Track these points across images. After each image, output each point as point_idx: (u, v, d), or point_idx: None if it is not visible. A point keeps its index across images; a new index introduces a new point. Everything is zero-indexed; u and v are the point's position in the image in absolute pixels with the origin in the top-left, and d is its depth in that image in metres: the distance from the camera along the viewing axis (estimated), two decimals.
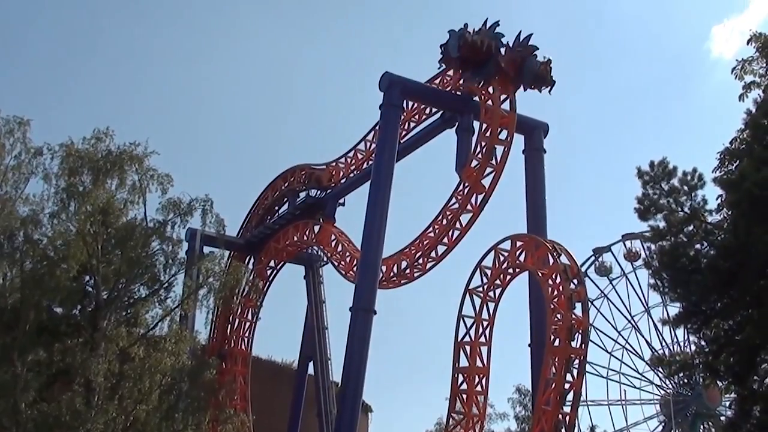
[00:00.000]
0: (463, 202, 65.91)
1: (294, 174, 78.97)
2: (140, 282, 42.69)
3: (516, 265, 59.29)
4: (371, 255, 61.55)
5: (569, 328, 53.07)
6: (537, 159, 66.28)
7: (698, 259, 27.51)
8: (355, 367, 58.82)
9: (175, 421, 39.10)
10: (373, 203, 62.44)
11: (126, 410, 38.91)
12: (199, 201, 41.81)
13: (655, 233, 28.31)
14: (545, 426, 52.91)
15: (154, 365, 39.42)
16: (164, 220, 41.73)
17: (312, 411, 76.08)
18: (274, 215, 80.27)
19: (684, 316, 28.36)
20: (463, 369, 61.41)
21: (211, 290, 42.59)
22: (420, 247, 68.99)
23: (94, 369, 38.02)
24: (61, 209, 40.68)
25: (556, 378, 53.08)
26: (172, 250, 42.26)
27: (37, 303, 39.23)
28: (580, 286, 55.29)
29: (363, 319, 59.54)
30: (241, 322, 77.92)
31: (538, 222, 62.87)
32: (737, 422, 29.09)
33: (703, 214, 27.78)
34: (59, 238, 40.85)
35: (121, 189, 41.74)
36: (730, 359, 27.29)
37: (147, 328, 42.68)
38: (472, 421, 61.68)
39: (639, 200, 28.26)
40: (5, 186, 41.10)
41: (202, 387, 40.88)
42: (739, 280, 25.94)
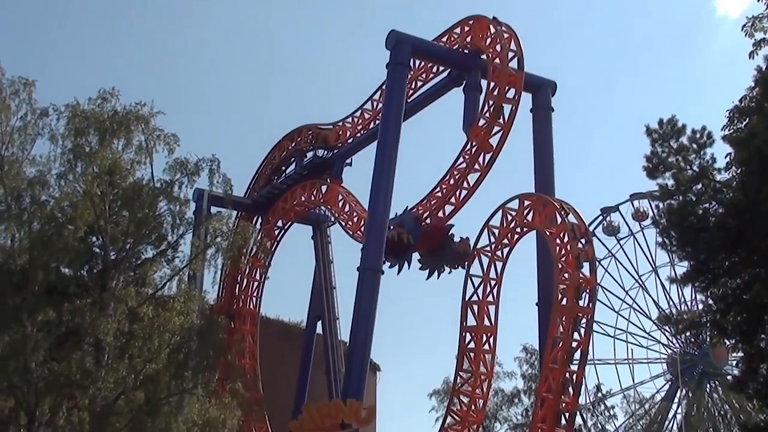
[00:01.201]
0: (471, 162, 65.88)
1: (301, 134, 78.93)
2: (148, 242, 42.61)
3: (524, 224, 59.36)
4: (378, 215, 61.64)
5: (577, 287, 53.20)
6: (545, 118, 66.22)
7: (706, 218, 27.45)
8: (363, 327, 59.07)
9: (185, 380, 39.14)
10: (380, 163, 62.46)
11: (136, 369, 38.98)
12: (206, 161, 41.66)
13: (663, 192, 28.23)
14: (552, 384, 53.15)
15: (163, 324, 39.44)
16: (171, 180, 41.58)
17: (320, 370, 76.39)
18: (281, 175, 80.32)
19: (692, 275, 28.34)
20: (470, 328, 61.65)
21: (219, 250, 42.53)
22: (427, 206, 68.99)
23: (104, 328, 38.07)
24: (68, 170, 40.55)
25: (563, 337, 53.27)
26: (180, 210, 42.13)
27: (45, 264, 39.22)
28: (588, 245, 55.36)
29: (371, 278, 59.74)
30: (250, 281, 78.14)
31: (545, 181, 62.88)
32: (744, 380, 29.15)
33: (711, 173, 27.68)
34: (66, 199, 40.76)
35: (127, 149, 41.57)
36: (738, 318, 27.29)
37: (155, 288, 42.65)
38: (479, 380, 62.00)
39: (647, 158, 28.15)
40: (11, 147, 40.93)
41: (211, 346, 40.90)
42: (747, 238, 25.91)
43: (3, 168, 40.21)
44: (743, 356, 28.95)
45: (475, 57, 65.95)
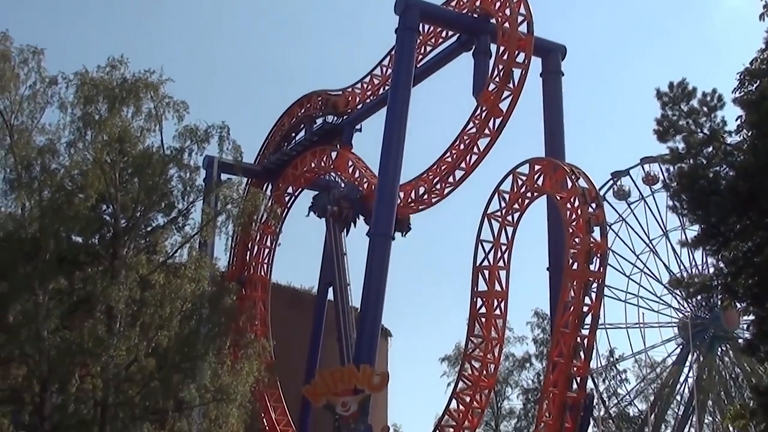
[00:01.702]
0: (481, 126, 65.74)
1: (310, 100, 78.77)
2: (158, 210, 42.65)
3: (534, 188, 59.29)
4: (389, 181, 61.61)
5: (587, 251, 53.18)
6: (555, 82, 65.96)
7: (717, 181, 27.36)
8: (374, 293, 59.17)
9: (197, 347, 39.30)
10: (389, 128, 62.38)
11: (147, 336, 39.11)
12: (215, 128, 41.63)
13: (674, 155, 28.14)
14: (563, 348, 53.21)
15: (175, 291, 39.55)
16: (181, 148, 41.57)
17: (332, 336, 76.49)
18: (291, 142, 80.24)
19: (702, 238, 28.28)
20: (481, 293, 61.72)
21: (230, 217, 42.58)
22: (438, 172, 68.93)
23: (115, 296, 38.17)
24: (77, 138, 40.56)
25: (574, 301, 53.30)
26: (190, 178, 42.17)
27: (56, 232, 39.29)
28: (599, 209, 55.31)
29: (381, 244, 59.80)
30: (260, 248, 78.22)
31: (556, 146, 62.70)
32: (755, 343, 29.14)
33: (722, 135, 27.57)
34: (76, 167, 40.79)
35: (137, 117, 41.55)
36: (749, 281, 27.23)
37: (166, 255, 42.69)
38: (491, 344, 62.13)
39: (658, 122, 28.04)
40: (21, 116, 40.96)
41: (223, 313, 41.02)
42: (758, 201, 25.83)
43: (13, 137, 40.27)
44: (754, 319, 28.92)
45: (484, 21, 65.69)
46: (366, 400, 56.30)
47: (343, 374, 55.89)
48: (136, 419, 38.03)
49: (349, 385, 55.26)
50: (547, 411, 54.14)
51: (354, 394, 55.23)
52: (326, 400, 55.45)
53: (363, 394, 55.54)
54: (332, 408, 55.28)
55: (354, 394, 55.22)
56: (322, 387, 55.95)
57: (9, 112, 40.61)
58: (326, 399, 55.46)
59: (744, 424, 33.59)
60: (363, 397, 55.59)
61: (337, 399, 55.07)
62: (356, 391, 55.34)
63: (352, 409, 55.14)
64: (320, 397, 55.81)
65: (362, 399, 55.58)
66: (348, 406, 55.11)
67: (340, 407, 55.09)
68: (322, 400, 55.70)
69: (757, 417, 30.14)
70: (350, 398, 55.17)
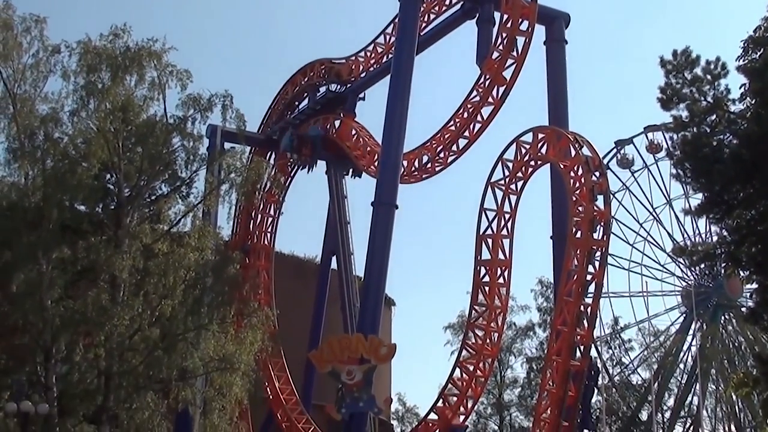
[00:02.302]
0: (484, 95, 65.56)
1: (314, 68, 78.49)
2: (162, 179, 42.73)
3: (538, 157, 59.16)
4: (392, 149, 61.51)
5: (591, 219, 53.11)
6: (558, 50, 65.60)
7: (721, 149, 27.32)
8: (378, 262, 59.17)
9: (201, 316, 39.38)
10: (393, 97, 62.21)
11: (151, 305, 39.23)
12: (219, 97, 41.63)
13: (677, 123, 28.09)
14: (567, 317, 53.24)
15: (178, 261, 39.61)
16: (184, 117, 41.59)
17: (335, 305, 76.61)
18: (295, 110, 79.98)
19: (706, 206, 28.26)
20: (485, 262, 61.70)
21: (233, 186, 42.59)
22: (441, 140, 68.83)
23: (119, 265, 38.26)
24: (80, 107, 40.59)
25: (578, 270, 53.27)
26: (193, 146, 42.22)
27: (59, 201, 39.36)
28: (602, 177, 55.21)
29: (385, 213, 59.71)
30: (264, 217, 78.14)
31: (559, 114, 62.44)
32: (759, 312, 29.16)
33: (726, 103, 27.51)
34: (80, 136, 40.85)
35: (140, 85, 41.56)
36: (752, 249, 27.24)
37: (170, 224, 42.80)
38: (494, 313, 62.14)
39: (662, 90, 27.98)
40: (24, 85, 40.98)
41: (226, 281, 41.07)
42: (761, 169, 25.79)
43: (16, 106, 40.29)
44: (758, 287, 28.91)
45: None
46: (371, 370, 56.40)
47: (350, 342, 55.90)
48: (140, 388, 38.21)
49: (356, 354, 55.34)
50: (551, 379, 54.24)
51: (360, 363, 55.31)
52: (332, 367, 55.52)
53: (369, 365, 55.61)
54: (337, 375, 55.38)
55: (360, 364, 55.31)
56: (329, 354, 56.00)
57: (12, 81, 40.64)
58: (332, 366, 55.53)
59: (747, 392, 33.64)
60: (368, 367, 55.66)
61: (343, 367, 55.15)
62: (362, 360, 55.43)
63: (357, 378, 55.24)
64: (326, 363, 55.88)
65: (367, 369, 55.66)
66: (353, 374, 55.20)
67: (345, 375, 55.17)
68: (327, 366, 55.77)
69: (761, 385, 30.19)
70: (356, 367, 55.25)
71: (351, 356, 55.36)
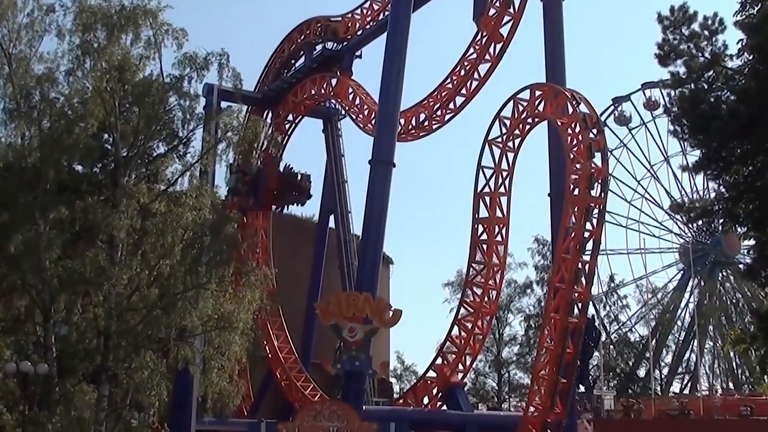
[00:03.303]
0: (481, 52, 65.51)
1: (310, 26, 78.20)
2: (159, 138, 42.60)
3: (535, 114, 59.10)
4: (389, 107, 61.37)
5: (589, 176, 53.07)
6: (555, 7, 65.20)
7: (718, 105, 27.28)
8: (376, 220, 59.20)
9: (199, 275, 39.36)
10: (390, 54, 62.00)
11: (149, 265, 39.22)
12: (215, 55, 41.39)
13: (675, 79, 28.03)
14: (565, 274, 53.31)
15: (176, 220, 39.53)
16: (180, 76, 41.37)
17: (334, 264, 76.78)
18: (291, 69, 79.74)
19: (704, 163, 28.23)
20: (482, 219, 61.85)
21: (230, 145, 42.47)
22: (438, 98, 68.78)
23: (117, 225, 38.20)
24: (76, 67, 40.38)
25: (575, 227, 53.29)
26: (190, 106, 42.02)
27: (56, 162, 39.26)
28: (600, 134, 55.11)
29: (382, 171, 59.68)
30: None
31: (556, 71, 62.20)
32: (756, 268, 29.19)
33: (723, 60, 27.44)
34: (76, 96, 40.70)
35: (136, 44, 41.33)
36: (750, 205, 27.24)
37: (167, 184, 42.71)
38: (492, 271, 62.39)
39: (659, 46, 27.90)
40: (19, 44, 40.77)
41: (224, 241, 40.99)
42: (759, 125, 25.74)
43: (11, 66, 40.11)
44: (755, 244, 28.92)
45: None
46: (373, 332, 56.62)
47: (358, 301, 55.91)
48: (139, 348, 38.25)
49: (361, 313, 55.46)
50: (549, 336, 54.35)
51: (363, 323, 55.46)
52: (335, 321, 55.64)
53: (372, 326, 55.78)
54: (339, 330, 55.54)
55: (363, 323, 55.46)
56: (336, 308, 56.06)
57: (7, 41, 40.45)
58: (335, 320, 55.65)
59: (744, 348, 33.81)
60: (371, 328, 55.83)
61: (346, 323, 55.31)
62: (366, 320, 55.59)
63: (358, 336, 55.39)
64: (330, 316, 55.97)
65: (370, 330, 55.83)
66: (355, 332, 55.35)
67: (347, 332, 55.33)
68: (331, 319, 55.87)
69: (758, 341, 30.29)
70: (359, 326, 55.38)
71: (356, 314, 55.50)
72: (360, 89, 71.75)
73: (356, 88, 72.06)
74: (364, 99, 70.54)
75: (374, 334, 57.40)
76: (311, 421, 51.26)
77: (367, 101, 69.94)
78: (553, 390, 52.48)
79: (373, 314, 55.61)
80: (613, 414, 77.52)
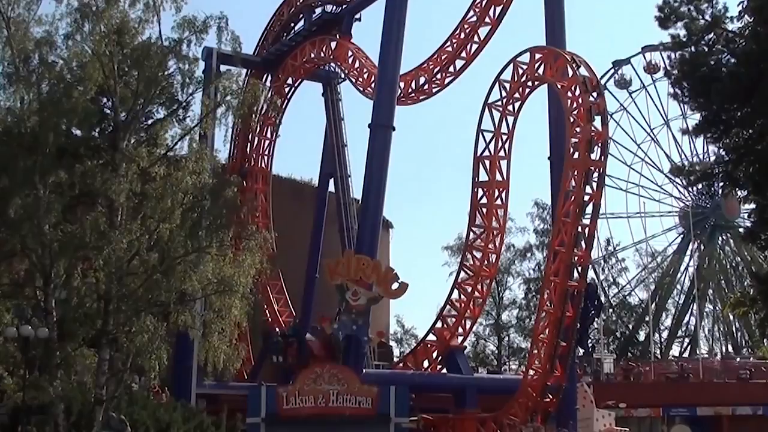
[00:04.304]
0: (481, 15, 65.36)
1: None
2: (158, 102, 42.47)
3: (535, 77, 59.00)
4: (389, 70, 61.28)
5: (588, 140, 53.08)
6: None
7: (719, 68, 27.22)
8: (375, 184, 59.22)
9: (199, 239, 39.33)
10: (389, 17, 61.85)
11: (149, 229, 39.17)
12: (214, 18, 41.18)
13: (675, 42, 27.96)
14: (565, 237, 53.41)
15: (176, 184, 39.44)
16: (179, 39, 41.17)
17: (333, 227, 76.81)
18: (291, 32, 79.47)
19: (704, 126, 28.20)
20: (482, 183, 61.84)
21: (230, 108, 42.33)
22: (438, 61, 68.65)
23: (116, 189, 38.14)
24: (75, 30, 40.18)
25: (575, 190, 53.33)
26: (189, 69, 41.86)
27: (55, 126, 39.13)
28: (600, 97, 55.08)
29: (382, 135, 59.67)
30: (261, 140, 77.99)
31: (556, 35, 62.02)
32: (756, 232, 29.22)
33: (724, 22, 27.36)
34: (75, 59, 40.55)
35: (134, 8, 41.10)
36: (750, 168, 27.22)
37: (167, 147, 42.59)
38: (492, 234, 62.42)
39: (659, 8, 27.80)
40: (17, 8, 40.59)
41: (224, 205, 40.92)
42: (759, 88, 25.68)
43: (9, 29, 39.93)
44: (755, 207, 28.95)
45: None
46: (376, 300, 56.73)
47: (367, 266, 55.86)
48: (139, 312, 38.23)
49: (368, 279, 55.52)
50: (549, 300, 54.53)
51: (368, 288, 55.49)
52: (342, 281, 55.67)
53: (376, 294, 55.83)
54: (343, 292, 55.61)
55: (368, 289, 55.49)
56: (345, 269, 56.09)
57: (5, 4, 40.21)
58: (342, 280, 55.67)
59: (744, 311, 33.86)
60: (374, 296, 55.90)
61: (352, 285, 55.38)
62: (372, 287, 55.62)
63: (360, 301, 55.48)
64: (338, 276, 56.03)
65: (373, 297, 55.92)
66: (358, 296, 55.43)
67: (351, 294, 55.41)
68: (338, 279, 55.93)
69: (758, 304, 30.35)
70: (363, 291, 55.45)
71: (363, 279, 55.55)
72: (359, 52, 71.53)
73: (356, 51, 71.84)
74: (363, 62, 70.33)
75: (376, 302, 57.54)
76: (311, 384, 51.43)
77: (366, 64, 69.75)
78: (553, 353, 52.74)
79: (379, 283, 55.59)
80: (613, 377, 77.85)
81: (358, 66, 70.86)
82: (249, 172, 75.76)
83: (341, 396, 51.03)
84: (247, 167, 76.31)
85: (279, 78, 77.28)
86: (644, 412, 70.66)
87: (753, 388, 72.84)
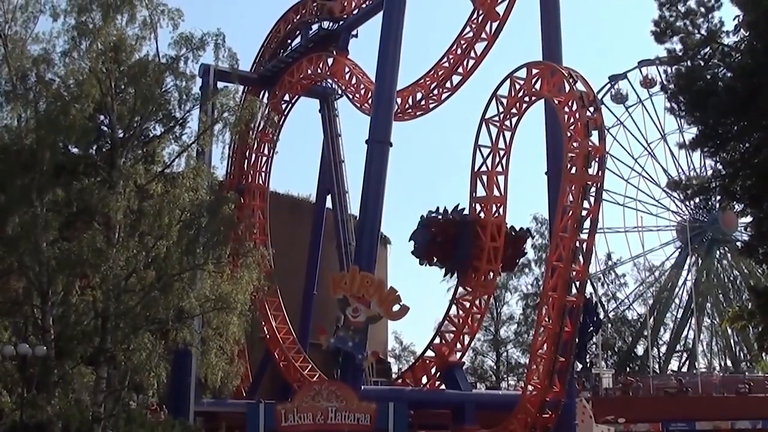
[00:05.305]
0: (478, 30, 65.37)
1: (306, 6, 77.87)
2: (155, 119, 42.51)
3: (532, 92, 58.98)
4: (386, 86, 61.27)
5: (586, 155, 53.04)
6: None
7: (715, 82, 27.27)
8: (373, 200, 59.13)
9: (196, 256, 39.34)
10: (386, 33, 61.87)
11: (147, 246, 39.17)
12: (211, 36, 41.31)
13: (671, 56, 28.05)
14: (563, 252, 53.32)
15: (173, 201, 39.46)
16: (177, 56, 41.29)
17: (331, 244, 76.82)
18: (287, 49, 79.52)
19: (701, 140, 28.25)
20: (479, 198, 61.82)
21: (227, 125, 42.36)
22: (435, 77, 68.65)
23: (113, 207, 38.17)
24: (72, 47, 40.28)
25: (573, 205, 53.28)
26: (186, 86, 41.95)
27: (52, 143, 39.16)
28: (597, 112, 55.03)
29: (379, 151, 59.60)
30: (258, 156, 77.94)
31: (553, 50, 62.00)
32: (753, 245, 29.23)
33: (720, 36, 27.44)
34: (72, 77, 40.59)
35: (131, 25, 41.22)
36: (747, 182, 27.27)
37: (164, 164, 42.63)
38: None
39: (655, 23, 27.89)
40: (15, 25, 40.69)
41: (221, 221, 40.95)
42: (756, 101, 25.73)
43: (7, 46, 40.00)
44: (752, 220, 29.01)
45: None
46: (375, 319, 56.53)
47: (371, 284, 55.60)
48: (137, 329, 38.21)
49: (370, 297, 55.26)
50: (547, 315, 54.43)
51: (369, 306, 55.23)
52: (344, 296, 55.40)
53: (376, 313, 55.62)
54: (344, 306, 55.35)
55: (369, 307, 55.22)
56: (349, 284, 55.83)
57: (3, 22, 40.34)
58: (344, 295, 55.40)
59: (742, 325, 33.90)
60: (374, 315, 55.61)
61: (354, 301, 55.16)
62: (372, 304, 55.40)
63: (360, 318, 55.24)
64: (341, 290, 55.77)
65: (373, 316, 55.67)
66: (358, 314, 55.15)
67: (351, 311, 55.19)
68: (341, 293, 55.68)
69: (756, 318, 30.35)
70: (364, 309, 55.17)
71: (365, 296, 55.32)
72: (356, 68, 71.55)
73: (353, 67, 71.85)
74: (360, 78, 70.36)
75: (375, 321, 57.32)
76: (310, 401, 51.27)
77: (363, 80, 69.78)
78: (552, 369, 52.59)
79: (380, 303, 55.34)
80: (612, 392, 77.76)
81: (355, 82, 70.88)
82: (246, 189, 75.71)
83: (340, 413, 50.86)
84: (244, 184, 76.24)
85: (276, 94, 77.28)
86: (643, 427, 70.54)
87: (752, 402, 72.77)
